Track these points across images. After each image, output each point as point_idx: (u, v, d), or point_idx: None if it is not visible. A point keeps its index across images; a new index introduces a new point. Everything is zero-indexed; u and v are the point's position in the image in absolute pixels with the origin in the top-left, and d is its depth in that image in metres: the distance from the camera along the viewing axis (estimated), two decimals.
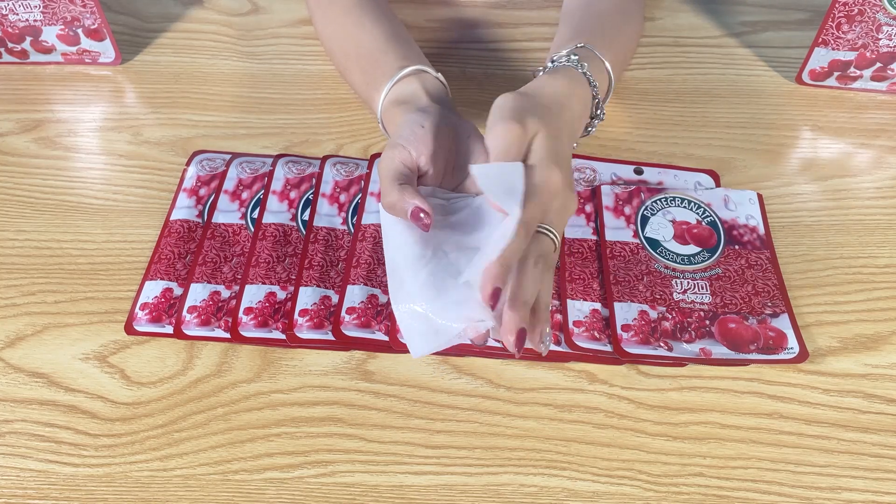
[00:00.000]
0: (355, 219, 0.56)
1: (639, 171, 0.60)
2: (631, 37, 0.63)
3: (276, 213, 0.57)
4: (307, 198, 0.58)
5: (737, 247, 0.55)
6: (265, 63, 0.71)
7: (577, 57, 0.52)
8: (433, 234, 0.45)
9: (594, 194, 0.58)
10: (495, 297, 0.40)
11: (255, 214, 0.57)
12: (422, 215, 0.43)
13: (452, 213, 0.47)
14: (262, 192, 0.58)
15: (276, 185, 0.58)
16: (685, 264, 0.54)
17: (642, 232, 0.56)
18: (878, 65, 0.66)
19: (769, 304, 0.52)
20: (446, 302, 0.42)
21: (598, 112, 0.54)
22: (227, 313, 0.52)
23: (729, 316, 0.51)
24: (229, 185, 0.59)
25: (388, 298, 0.49)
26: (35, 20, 0.66)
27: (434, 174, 0.47)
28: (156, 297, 0.52)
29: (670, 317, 0.51)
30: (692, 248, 0.55)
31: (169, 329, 0.51)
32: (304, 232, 0.56)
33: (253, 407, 0.49)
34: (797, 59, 0.69)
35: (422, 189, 0.47)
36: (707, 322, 0.51)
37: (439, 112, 0.49)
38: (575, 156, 0.61)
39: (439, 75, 0.55)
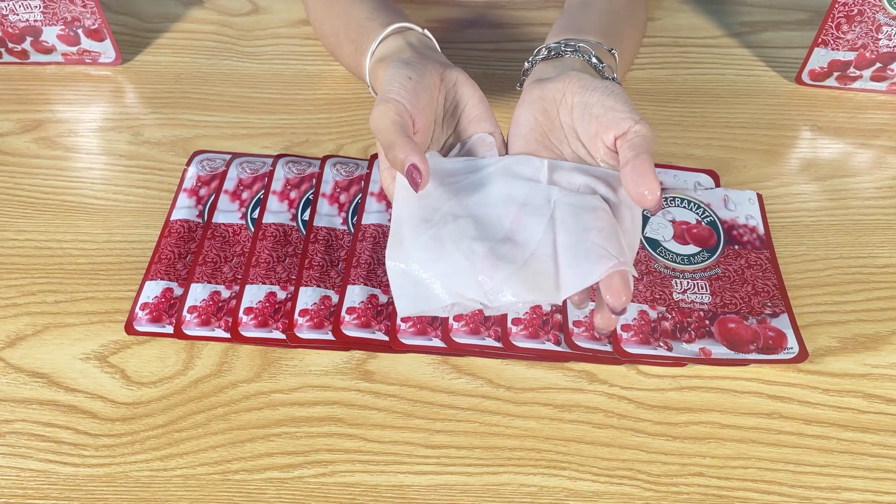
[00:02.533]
0: (355, 219, 0.56)
1: None
2: (637, 39, 0.63)
3: (277, 213, 0.57)
4: (307, 198, 0.58)
5: (736, 247, 0.55)
6: (265, 63, 0.71)
7: (604, 65, 0.50)
8: (444, 196, 0.43)
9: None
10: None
11: (256, 214, 0.57)
12: (415, 174, 0.40)
13: (469, 174, 0.45)
14: (263, 192, 0.58)
15: (277, 185, 0.58)
16: (685, 264, 0.54)
17: (642, 232, 0.56)
18: (878, 65, 0.66)
19: (769, 303, 0.52)
20: (441, 270, 0.41)
21: None
22: (227, 313, 0.52)
23: (729, 316, 0.51)
24: (229, 185, 0.59)
25: (390, 292, 0.47)
26: (35, 20, 0.66)
27: (424, 129, 0.45)
28: (156, 297, 0.52)
29: (670, 317, 0.51)
30: (692, 248, 0.55)
31: (169, 329, 0.51)
32: (305, 232, 0.56)
33: (253, 407, 0.49)
34: (797, 59, 0.69)
35: (437, 158, 0.45)
36: (707, 322, 0.51)
37: (422, 63, 0.47)
38: None
39: (426, 31, 0.54)
